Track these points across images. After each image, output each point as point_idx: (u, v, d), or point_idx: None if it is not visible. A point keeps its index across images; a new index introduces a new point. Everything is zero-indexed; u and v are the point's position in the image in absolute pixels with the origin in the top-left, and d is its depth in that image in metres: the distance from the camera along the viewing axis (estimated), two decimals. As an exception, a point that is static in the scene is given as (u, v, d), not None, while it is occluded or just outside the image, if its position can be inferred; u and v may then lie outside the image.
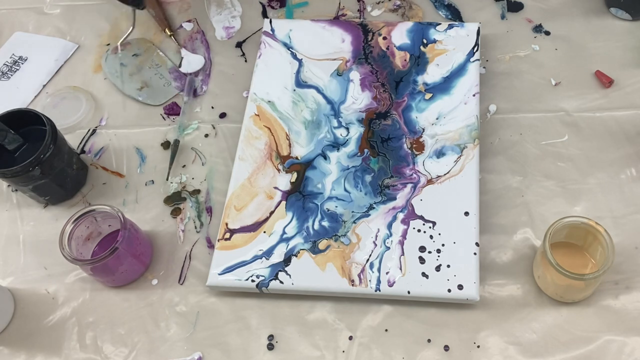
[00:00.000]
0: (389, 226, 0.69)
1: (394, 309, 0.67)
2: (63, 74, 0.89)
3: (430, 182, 0.71)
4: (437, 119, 0.75)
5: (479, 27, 0.82)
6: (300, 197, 0.72)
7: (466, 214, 0.69)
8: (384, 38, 0.83)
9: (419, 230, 0.68)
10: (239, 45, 0.89)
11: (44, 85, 0.88)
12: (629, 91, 0.78)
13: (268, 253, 0.69)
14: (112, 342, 0.68)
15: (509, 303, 0.66)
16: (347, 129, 0.76)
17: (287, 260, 0.68)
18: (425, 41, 0.82)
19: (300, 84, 0.81)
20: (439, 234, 0.68)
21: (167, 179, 0.78)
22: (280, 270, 0.67)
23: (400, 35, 0.83)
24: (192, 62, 0.88)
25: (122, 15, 0.94)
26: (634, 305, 0.65)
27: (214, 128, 0.82)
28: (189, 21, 0.92)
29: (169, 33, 0.90)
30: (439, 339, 0.65)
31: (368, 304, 0.67)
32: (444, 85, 0.78)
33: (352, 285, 0.66)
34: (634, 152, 0.74)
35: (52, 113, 0.74)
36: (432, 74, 0.79)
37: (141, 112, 0.85)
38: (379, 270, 0.66)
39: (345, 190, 0.72)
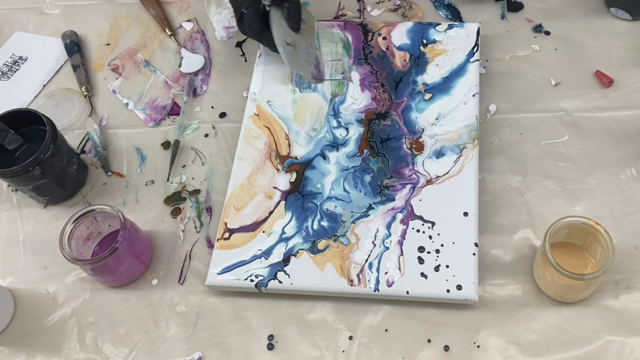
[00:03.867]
0: (388, 226, 0.69)
1: (394, 309, 0.67)
2: (63, 73, 0.90)
3: (429, 182, 0.71)
4: (436, 119, 0.75)
5: (479, 27, 0.82)
6: (299, 197, 0.72)
7: (465, 214, 0.68)
8: (384, 38, 0.83)
9: (418, 231, 0.68)
10: (239, 45, 0.89)
11: (44, 85, 0.88)
12: (629, 91, 0.78)
13: (267, 253, 0.69)
14: (112, 342, 0.68)
15: (509, 303, 0.66)
16: (347, 129, 0.76)
17: (286, 260, 0.68)
18: (425, 41, 0.82)
19: (300, 84, 0.81)
20: (438, 234, 0.68)
21: (167, 180, 0.78)
22: (279, 270, 0.67)
23: (400, 35, 0.83)
24: (192, 62, 0.88)
25: (122, 15, 0.94)
26: (634, 305, 0.65)
27: (213, 128, 0.82)
28: (189, 21, 0.92)
29: (169, 33, 0.91)
30: (439, 339, 0.65)
31: (368, 304, 0.67)
32: (443, 86, 0.78)
33: (351, 285, 0.66)
34: (634, 152, 0.74)
35: (48, 114, 0.74)
36: (432, 74, 0.79)
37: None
38: (377, 270, 0.66)
39: (345, 190, 0.72)
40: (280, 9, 0.78)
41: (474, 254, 0.66)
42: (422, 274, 0.66)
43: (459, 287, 0.65)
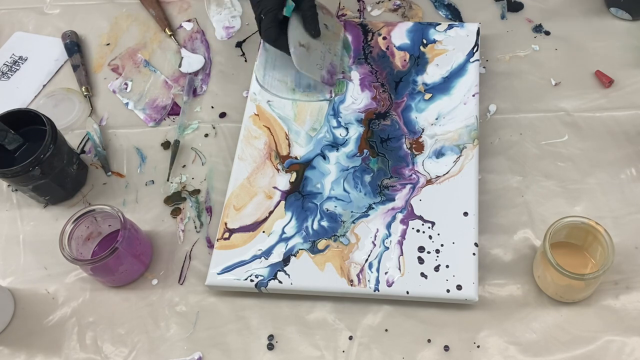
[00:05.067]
0: (388, 226, 0.69)
1: (394, 309, 0.67)
2: (63, 73, 0.90)
3: (429, 182, 0.71)
4: (436, 119, 0.75)
5: (478, 27, 0.82)
6: (299, 197, 0.72)
7: (465, 214, 0.68)
8: (384, 38, 0.83)
9: (417, 231, 0.68)
10: (239, 45, 0.89)
11: (44, 85, 0.88)
12: (629, 91, 0.78)
13: (267, 253, 0.69)
14: (112, 342, 0.68)
15: (508, 303, 0.66)
16: (347, 129, 0.76)
17: (286, 260, 0.68)
18: (425, 41, 0.82)
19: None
20: (438, 234, 0.68)
21: (167, 180, 0.78)
22: (279, 270, 0.67)
23: (400, 35, 0.83)
24: (192, 62, 0.88)
25: (122, 15, 0.94)
26: (634, 305, 0.65)
27: (213, 128, 0.82)
28: (189, 21, 0.92)
29: (169, 33, 0.91)
30: (439, 339, 0.65)
31: (368, 304, 0.67)
32: (443, 86, 0.78)
33: (351, 285, 0.66)
34: (634, 152, 0.74)
35: (48, 114, 0.74)
36: (432, 74, 0.79)
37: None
38: (377, 270, 0.66)
39: (345, 190, 0.72)
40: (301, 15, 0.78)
41: (474, 254, 0.66)
42: (422, 274, 0.66)
43: (459, 287, 0.65)
